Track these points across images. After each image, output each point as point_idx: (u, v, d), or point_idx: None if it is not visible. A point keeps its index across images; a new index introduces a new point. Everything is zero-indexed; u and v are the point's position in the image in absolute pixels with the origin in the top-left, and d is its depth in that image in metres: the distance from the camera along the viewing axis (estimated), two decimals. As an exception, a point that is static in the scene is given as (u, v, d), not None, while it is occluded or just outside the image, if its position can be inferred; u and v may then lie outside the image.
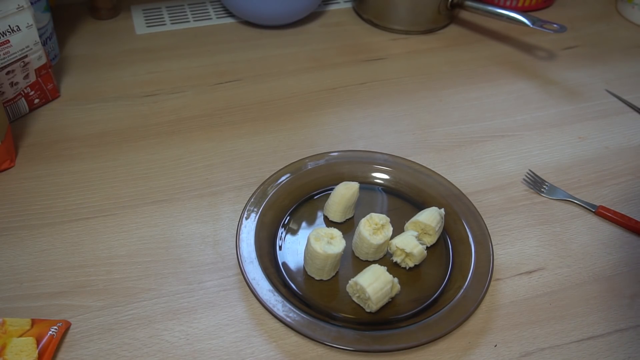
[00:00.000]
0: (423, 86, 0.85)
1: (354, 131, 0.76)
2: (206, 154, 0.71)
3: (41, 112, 0.76)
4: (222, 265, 0.59)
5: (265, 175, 0.66)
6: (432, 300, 0.56)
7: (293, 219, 0.63)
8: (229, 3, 0.94)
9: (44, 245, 0.60)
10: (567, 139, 0.77)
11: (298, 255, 0.59)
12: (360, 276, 0.54)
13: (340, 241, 0.55)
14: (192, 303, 0.55)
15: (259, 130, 0.75)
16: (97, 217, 0.63)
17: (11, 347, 0.49)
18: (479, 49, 0.94)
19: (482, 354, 0.52)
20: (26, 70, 0.72)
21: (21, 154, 0.70)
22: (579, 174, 0.71)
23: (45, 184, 0.66)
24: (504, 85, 0.86)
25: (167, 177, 0.68)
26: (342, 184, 0.62)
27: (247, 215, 0.60)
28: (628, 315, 0.56)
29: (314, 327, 0.51)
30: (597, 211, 0.66)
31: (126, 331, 0.53)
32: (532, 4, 1.03)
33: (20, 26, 0.69)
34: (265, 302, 0.53)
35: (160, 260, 0.59)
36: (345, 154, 0.69)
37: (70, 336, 0.52)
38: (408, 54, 0.92)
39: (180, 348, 0.52)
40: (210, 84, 0.83)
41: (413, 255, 0.57)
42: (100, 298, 0.55)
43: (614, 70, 0.90)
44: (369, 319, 0.54)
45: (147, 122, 0.76)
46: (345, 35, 0.96)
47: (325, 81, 0.85)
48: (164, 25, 0.95)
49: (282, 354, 0.52)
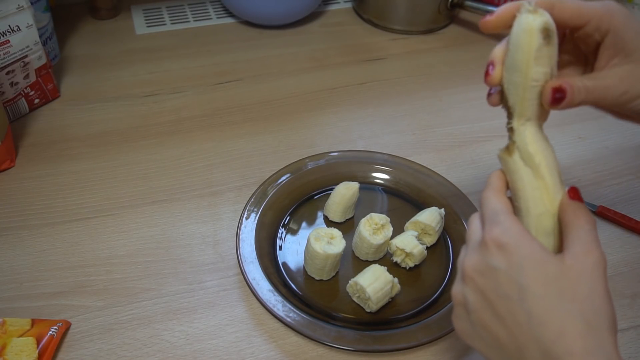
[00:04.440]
0: (423, 86, 0.85)
1: (354, 131, 0.76)
2: (206, 154, 0.71)
3: (41, 112, 0.76)
4: (222, 265, 0.59)
5: (265, 175, 0.66)
6: (432, 300, 0.56)
7: (293, 219, 0.63)
8: (229, 3, 0.94)
9: (44, 245, 0.60)
10: (567, 139, 0.77)
11: (298, 255, 0.59)
12: (360, 276, 0.54)
13: (340, 241, 0.55)
14: (192, 303, 0.55)
15: (259, 130, 0.75)
16: (97, 217, 0.63)
17: (11, 347, 0.49)
18: (479, 49, 0.94)
19: (482, 354, 0.52)
20: (26, 70, 0.72)
21: (21, 154, 0.70)
22: (579, 174, 0.71)
23: (45, 184, 0.66)
24: (504, 85, 0.86)
25: (167, 177, 0.68)
26: (342, 184, 0.62)
27: (247, 215, 0.60)
28: (628, 315, 0.56)
29: (314, 327, 0.51)
30: (597, 211, 0.66)
31: (126, 331, 0.53)
32: (532, 4, 1.02)
33: (20, 26, 0.69)
34: (265, 302, 0.53)
35: (160, 260, 0.59)
36: (345, 154, 0.69)
37: (70, 336, 0.52)
38: (408, 54, 0.92)
39: (180, 348, 0.52)
40: (210, 84, 0.83)
41: (413, 255, 0.57)
42: (100, 298, 0.55)
43: (614, 70, 0.90)
44: (369, 319, 0.54)
45: (147, 122, 0.76)
46: (345, 35, 0.96)
47: (325, 81, 0.85)
48: (164, 25, 0.95)
49: (282, 354, 0.52)
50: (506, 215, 0.39)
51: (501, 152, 0.42)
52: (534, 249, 0.37)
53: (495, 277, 0.38)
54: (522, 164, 0.41)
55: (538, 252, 0.37)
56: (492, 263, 0.38)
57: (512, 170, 0.41)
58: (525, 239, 0.38)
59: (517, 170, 0.41)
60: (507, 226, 0.38)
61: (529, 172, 0.41)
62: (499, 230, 0.38)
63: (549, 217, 0.40)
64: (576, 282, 0.36)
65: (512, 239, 0.37)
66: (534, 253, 0.37)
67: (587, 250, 0.37)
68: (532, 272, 0.36)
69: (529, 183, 0.40)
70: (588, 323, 0.35)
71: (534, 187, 0.40)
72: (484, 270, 0.38)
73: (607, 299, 0.36)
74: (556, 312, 0.35)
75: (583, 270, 0.36)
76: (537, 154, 0.41)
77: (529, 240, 0.38)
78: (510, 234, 0.38)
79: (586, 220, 0.38)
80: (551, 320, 0.35)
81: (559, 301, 0.35)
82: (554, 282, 0.36)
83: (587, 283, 0.36)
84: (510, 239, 0.37)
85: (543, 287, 0.36)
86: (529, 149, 0.41)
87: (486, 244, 0.38)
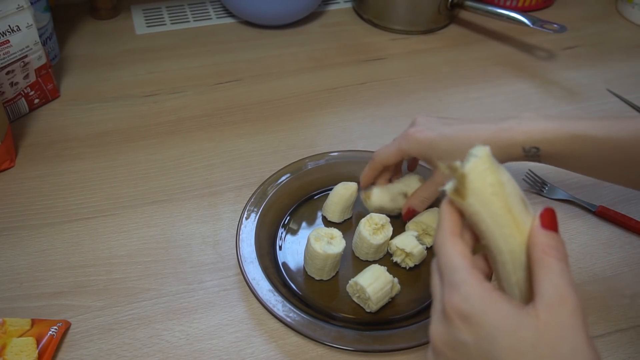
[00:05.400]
0: (423, 86, 0.85)
1: (354, 131, 0.76)
2: (206, 154, 0.71)
3: (41, 112, 0.76)
4: (222, 265, 0.59)
5: (265, 175, 0.66)
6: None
7: (293, 219, 0.63)
8: (229, 3, 0.94)
9: (44, 245, 0.60)
10: (567, 139, 0.77)
11: (298, 255, 0.59)
12: (360, 276, 0.54)
13: (340, 241, 0.55)
14: (192, 303, 0.55)
15: (259, 130, 0.75)
16: (97, 217, 0.63)
17: (11, 347, 0.49)
18: (479, 49, 0.94)
19: (482, 354, 0.52)
20: (26, 70, 0.72)
21: (21, 154, 0.70)
22: (579, 174, 0.71)
23: (45, 184, 0.66)
24: (504, 85, 0.86)
25: (167, 177, 0.68)
26: (341, 184, 0.62)
27: (247, 215, 0.60)
28: (628, 315, 0.56)
29: (314, 327, 0.51)
30: (597, 211, 0.66)
31: (126, 331, 0.53)
32: (532, 4, 1.03)
33: (20, 26, 0.69)
34: (265, 302, 0.53)
35: (160, 260, 0.59)
36: (345, 154, 0.69)
37: (70, 336, 0.52)
38: (408, 54, 0.92)
39: (180, 348, 0.52)
40: (210, 84, 0.83)
41: (413, 255, 0.57)
42: (100, 298, 0.55)
43: (614, 70, 0.90)
44: (369, 319, 0.54)
45: (147, 122, 0.76)
46: (345, 35, 0.96)
47: (325, 81, 0.85)
48: (164, 25, 0.95)
49: (282, 354, 0.52)
50: (465, 275, 0.36)
51: (452, 194, 0.37)
52: (503, 314, 0.34)
53: (465, 351, 0.35)
54: (481, 206, 0.36)
55: (508, 318, 0.34)
56: (460, 337, 0.35)
57: (470, 213, 0.37)
58: (490, 304, 0.34)
59: (477, 213, 0.37)
60: (468, 291, 0.35)
61: (491, 211, 0.36)
62: (459, 298, 0.35)
63: (524, 250, 0.37)
64: (554, 342, 0.33)
65: (475, 307, 0.34)
66: (504, 320, 0.34)
67: (560, 297, 0.33)
68: (504, 342, 0.33)
69: (494, 222, 0.36)
70: None
71: (501, 225, 0.36)
72: (453, 344, 0.35)
73: (590, 352, 0.33)
74: None
75: (560, 325, 0.33)
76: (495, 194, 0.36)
77: (494, 303, 0.34)
78: (472, 301, 0.34)
79: (557, 258, 0.35)
80: None
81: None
82: (530, 350, 0.33)
83: (567, 341, 0.33)
84: (473, 308, 0.34)
85: (519, 357, 0.33)
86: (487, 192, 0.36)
87: (449, 316, 0.35)
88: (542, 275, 0.34)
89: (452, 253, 0.37)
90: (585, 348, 0.33)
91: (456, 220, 0.39)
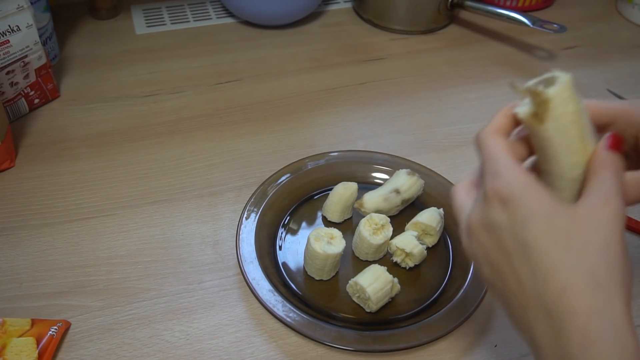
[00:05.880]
0: (423, 86, 0.85)
1: (354, 131, 0.76)
2: (206, 154, 0.71)
3: (41, 112, 0.76)
4: (222, 265, 0.59)
5: (265, 175, 0.66)
6: (432, 300, 0.56)
7: (293, 219, 0.63)
8: (229, 3, 0.94)
9: (44, 245, 0.60)
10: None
11: (298, 255, 0.59)
12: (360, 276, 0.54)
13: (340, 241, 0.55)
14: (192, 303, 0.55)
15: (259, 130, 0.75)
16: (97, 217, 0.63)
17: (11, 347, 0.49)
18: (479, 49, 0.94)
19: (482, 354, 0.52)
20: (26, 70, 0.72)
21: (21, 154, 0.70)
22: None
23: (45, 184, 0.66)
24: (504, 85, 0.86)
25: (167, 177, 0.68)
26: (341, 184, 0.62)
27: (247, 215, 0.60)
28: (628, 315, 0.56)
29: (314, 327, 0.51)
30: (597, 211, 0.65)
31: (126, 331, 0.53)
32: (532, 4, 1.03)
33: (20, 26, 0.69)
34: (265, 302, 0.53)
35: (160, 260, 0.59)
36: (345, 154, 0.69)
37: (70, 336, 0.52)
38: (408, 54, 0.92)
39: (180, 348, 0.52)
40: (210, 84, 0.83)
41: (413, 255, 0.57)
42: (100, 298, 0.55)
43: (614, 70, 0.90)
44: (369, 319, 0.54)
45: (147, 122, 0.76)
46: (345, 35, 0.96)
47: (325, 81, 0.85)
48: (164, 25, 0.95)
49: (282, 354, 0.52)
50: (509, 165, 0.36)
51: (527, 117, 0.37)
52: (542, 201, 0.34)
53: (498, 234, 0.35)
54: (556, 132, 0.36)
55: (546, 205, 0.34)
56: (495, 218, 0.35)
57: (542, 137, 0.37)
58: (531, 192, 0.34)
59: (550, 139, 0.36)
60: (512, 177, 0.35)
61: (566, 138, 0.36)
62: (501, 183, 0.35)
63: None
64: (588, 233, 0.32)
65: (516, 192, 0.34)
66: (542, 206, 0.34)
67: (605, 200, 0.33)
68: (538, 227, 0.33)
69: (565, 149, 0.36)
70: (596, 279, 0.31)
71: (571, 152, 0.36)
72: (488, 225, 0.36)
73: (622, 254, 0.32)
74: (561, 266, 0.32)
75: (598, 220, 0.33)
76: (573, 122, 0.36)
77: (536, 191, 0.34)
78: (514, 186, 0.35)
79: (612, 170, 0.34)
80: (555, 275, 0.32)
81: (565, 254, 0.32)
82: (562, 235, 0.32)
83: (600, 235, 0.32)
84: (514, 192, 0.34)
85: (549, 242, 0.33)
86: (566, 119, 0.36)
87: (489, 198, 0.36)
88: (593, 182, 0.34)
89: (495, 146, 0.38)
90: (618, 249, 0.32)
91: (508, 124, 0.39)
